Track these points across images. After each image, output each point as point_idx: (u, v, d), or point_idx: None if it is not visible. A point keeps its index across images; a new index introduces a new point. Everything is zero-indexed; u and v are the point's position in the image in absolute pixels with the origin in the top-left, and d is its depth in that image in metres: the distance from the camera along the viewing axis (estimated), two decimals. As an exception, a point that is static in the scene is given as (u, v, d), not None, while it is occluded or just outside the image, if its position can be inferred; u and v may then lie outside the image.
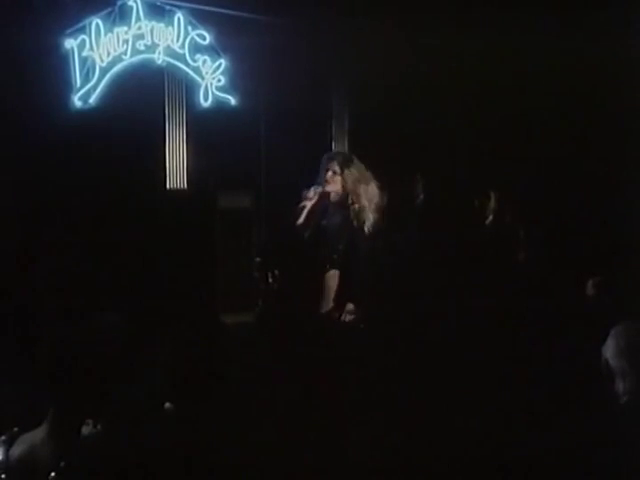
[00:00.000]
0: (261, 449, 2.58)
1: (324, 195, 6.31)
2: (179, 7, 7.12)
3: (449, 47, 7.89)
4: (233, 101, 7.48)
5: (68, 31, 6.51)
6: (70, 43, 6.51)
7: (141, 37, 6.90)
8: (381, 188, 6.39)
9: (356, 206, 6.29)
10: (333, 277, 6.23)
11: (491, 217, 7.17)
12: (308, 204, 6.28)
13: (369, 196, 6.31)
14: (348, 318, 6.07)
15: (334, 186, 6.33)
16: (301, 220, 6.26)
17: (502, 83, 7.85)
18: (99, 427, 2.31)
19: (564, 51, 7.37)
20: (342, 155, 6.67)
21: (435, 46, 7.94)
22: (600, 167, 7.33)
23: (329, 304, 6.20)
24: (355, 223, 6.28)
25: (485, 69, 7.76)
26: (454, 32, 7.68)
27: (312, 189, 6.34)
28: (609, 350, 3.38)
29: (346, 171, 6.32)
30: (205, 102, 7.37)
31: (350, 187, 6.32)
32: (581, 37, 7.28)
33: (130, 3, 6.81)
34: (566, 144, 7.55)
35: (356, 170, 6.37)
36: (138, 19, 6.87)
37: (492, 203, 7.14)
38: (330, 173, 6.37)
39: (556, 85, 7.58)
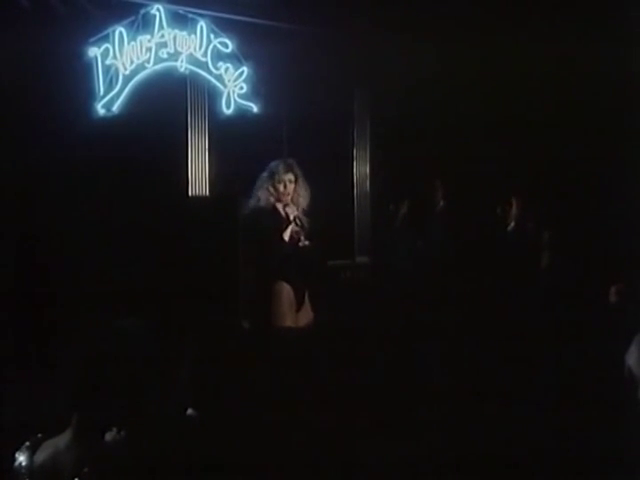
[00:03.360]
0: (283, 454, 2.59)
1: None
2: (202, 15, 7.18)
3: (470, 55, 7.89)
4: (255, 108, 7.52)
5: (92, 39, 6.58)
6: (94, 51, 6.58)
7: (164, 45, 6.95)
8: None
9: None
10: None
11: (513, 224, 7.16)
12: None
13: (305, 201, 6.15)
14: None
15: (289, 196, 6.05)
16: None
17: (526, 91, 7.83)
18: (122, 433, 2.32)
19: (593, 59, 7.31)
20: (292, 163, 6.25)
21: (456, 54, 7.94)
22: (623, 175, 7.29)
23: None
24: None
25: (508, 77, 7.74)
26: (476, 40, 7.67)
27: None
28: (632, 357, 3.36)
29: (299, 180, 6.11)
30: (227, 110, 7.41)
31: (301, 195, 6.11)
32: (610, 46, 7.24)
33: (153, 12, 6.87)
34: (590, 151, 7.51)
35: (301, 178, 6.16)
36: (161, 27, 6.93)
37: (514, 210, 7.12)
38: (287, 182, 6.06)
39: (582, 93, 7.54)
